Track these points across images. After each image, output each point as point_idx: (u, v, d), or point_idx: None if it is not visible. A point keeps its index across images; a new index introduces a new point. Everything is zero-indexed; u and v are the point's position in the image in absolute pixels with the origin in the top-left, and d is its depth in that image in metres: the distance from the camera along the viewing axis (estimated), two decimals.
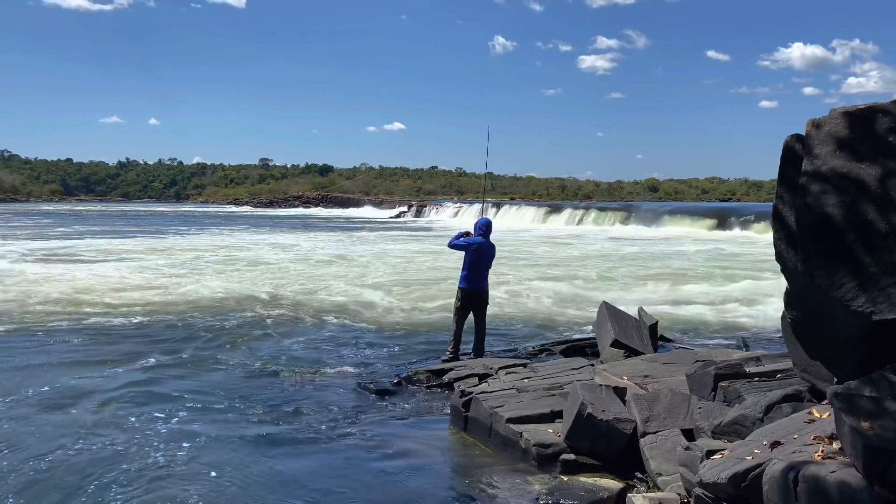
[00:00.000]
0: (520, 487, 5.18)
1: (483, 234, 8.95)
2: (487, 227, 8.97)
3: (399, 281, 17.76)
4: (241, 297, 14.60)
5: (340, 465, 5.63)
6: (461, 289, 8.92)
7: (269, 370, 8.58)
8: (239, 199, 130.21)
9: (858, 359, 3.60)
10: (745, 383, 5.59)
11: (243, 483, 5.19)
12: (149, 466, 5.43)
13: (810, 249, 3.47)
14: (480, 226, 8.94)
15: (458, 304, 8.93)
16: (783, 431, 4.02)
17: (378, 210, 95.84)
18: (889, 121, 3.47)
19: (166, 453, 5.73)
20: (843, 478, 2.97)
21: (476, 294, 8.94)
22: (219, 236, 37.57)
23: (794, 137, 3.76)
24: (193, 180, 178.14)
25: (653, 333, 8.97)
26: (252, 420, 6.68)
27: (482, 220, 9.02)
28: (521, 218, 61.07)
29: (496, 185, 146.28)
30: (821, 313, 3.69)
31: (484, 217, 9.18)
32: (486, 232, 8.96)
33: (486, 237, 8.97)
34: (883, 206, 3.35)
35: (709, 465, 4.02)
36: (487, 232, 8.97)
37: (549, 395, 6.71)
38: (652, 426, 5.41)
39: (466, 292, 8.90)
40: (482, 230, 8.94)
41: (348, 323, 11.95)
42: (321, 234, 40.95)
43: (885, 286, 3.30)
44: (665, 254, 27.79)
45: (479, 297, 8.98)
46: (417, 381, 8.03)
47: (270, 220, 63.01)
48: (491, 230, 9.01)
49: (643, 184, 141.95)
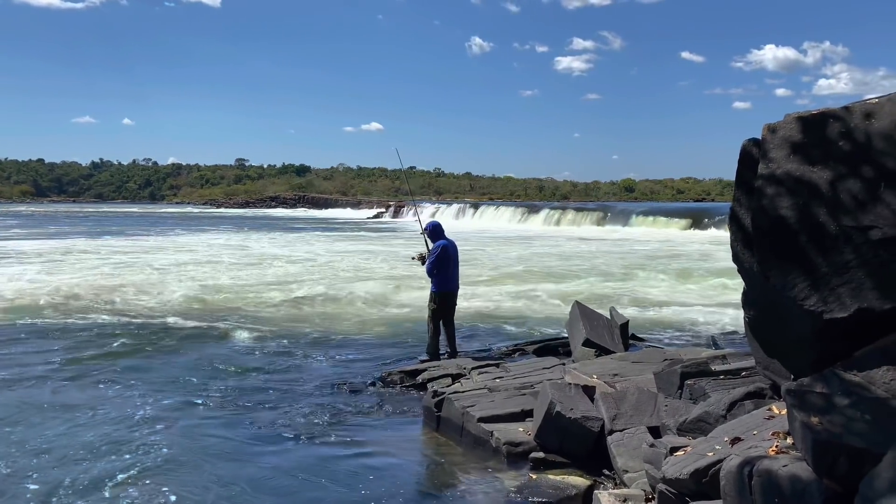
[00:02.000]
0: (490, 485, 5.25)
1: (432, 236, 9.21)
2: (440, 229, 9.28)
3: (366, 281, 17.74)
4: (197, 298, 14.55)
5: (313, 464, 5.66)
6: (436, 292, 9.09)
7: (240, 371, 8.57)
8: (215, 200, 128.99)
9: (813, 357, 3.70)
10: (710, 381, 5.71)
11: (214, 483, 5.20)
12: (119, 467, 5.42)
13: (765, 250, 3.57)
14: (435, 230, 9.22)
15: (434, 306, 9.09)
16: (744, 428, 4.13)
17: (356, 211, 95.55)
18: (840, 126, 3.59)
19: (136, 453, 5.73)
20: (794, 472, 3.07)
21: (451, 295, 9.19)
22: (160, 238, 36.91)
23: (751, 141, 3.87)
24: (168, 181, 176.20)
25: (624, 332, 9.09)
26: (223, 421, 6.68)
27: (432, 223, 9.35)
28: (498, 218, 61.28)
29: (475, 185, 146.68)
30: (776, 312, 3.80)
31: (431, 221, 9.49)
32: (441, 234, 9.22)
33: (442, 237, 9.21)
34: (834, 209, 3.46)
35: (672, 462, 4.11)
36: (442, 233, 9.24)
37: (520, 395, 6.79)
38: (619, 424, 5.51)
39: (442, 295, 9.09)
40: (439, 234, 9.20)
41: (321, 324, 11.94)
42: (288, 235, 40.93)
43: (836, 286, 3.41)
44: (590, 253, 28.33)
45: (453, 298, 9.24)
46: (391, 382, 8.07)
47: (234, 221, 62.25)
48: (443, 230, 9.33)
49: (619, 184, 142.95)
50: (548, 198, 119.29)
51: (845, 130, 3.58)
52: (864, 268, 3.41)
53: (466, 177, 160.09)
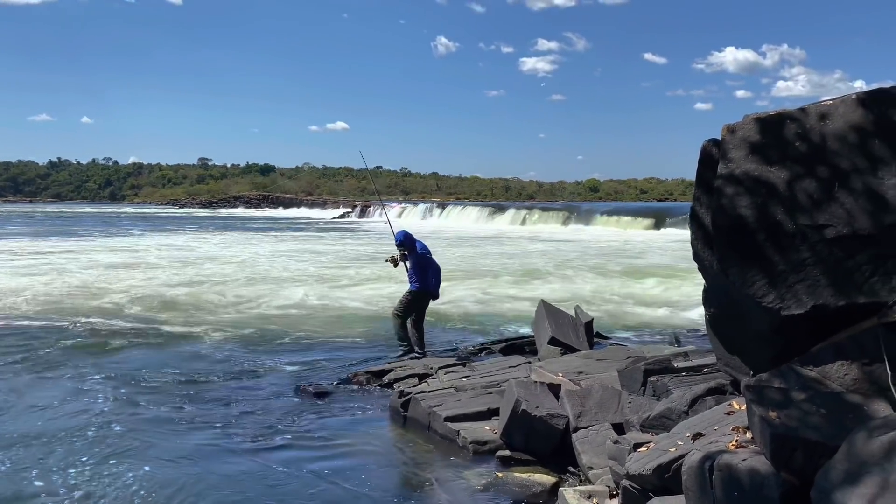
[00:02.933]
0: (456, 484, 5.26)
1: (413, 243, 9.45)
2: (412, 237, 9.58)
3: (333, 283, 17.66)
4: (149, 299, 14.32)
5: (278, 467, 5.60)
6: (414, 291, 9.37)
7: (203, 374, 8.45)
8: (177, 200, 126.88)
9: (771, 353, 3.79)
10: (672, 378, 5.80)
11: (178, 488, 5.11)
12: (78, 475, 5.30)
13: (725, 249, 3.65)
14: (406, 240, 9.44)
15: (409, 305, 9.35)
16: (705, 423, 4.21)
17: (321, 210, 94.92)
18: (796, 127, 3.67)
19: (97, 460, 5.60)
20: (753, 465, 3.14)
21: (428, 294, 9.52)
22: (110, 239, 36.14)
23: (711, 142, 3.95)
24: (129, 181, 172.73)
25: (588, 331, 9.19)
26: (186, 424, 6.58)
27: (402, 233, 9.56)
28: (464, 218, 61.44)
29: (442, 185, 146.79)
30: (736, 310, 3.88)
31: (401, 231, 9.71)
32: (413, 240, 9.53)
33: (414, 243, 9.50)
34: (791, 208, 3.55)
35: (635, 458, 4.17)
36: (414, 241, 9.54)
37: (486, 394, 6.82)
38: (584, 421, 5.57)
39: (420, 293, 9.40)
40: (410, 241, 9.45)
41: (283, 325, 11.81)
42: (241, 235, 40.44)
43: (793, 283, 3.49)
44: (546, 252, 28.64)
45: (427, 299, 9.57)
46: (357, 383, 8.03)
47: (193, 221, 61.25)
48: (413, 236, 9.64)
49: (584, 184, 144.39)
50: (514, 198, 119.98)
51: (801, 131, 3.67)
52: (820, 265, 3.50)
53: (433, 177, 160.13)
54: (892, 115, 3.57)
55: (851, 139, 3.60)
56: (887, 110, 3.58)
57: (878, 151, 3.54)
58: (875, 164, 3.53)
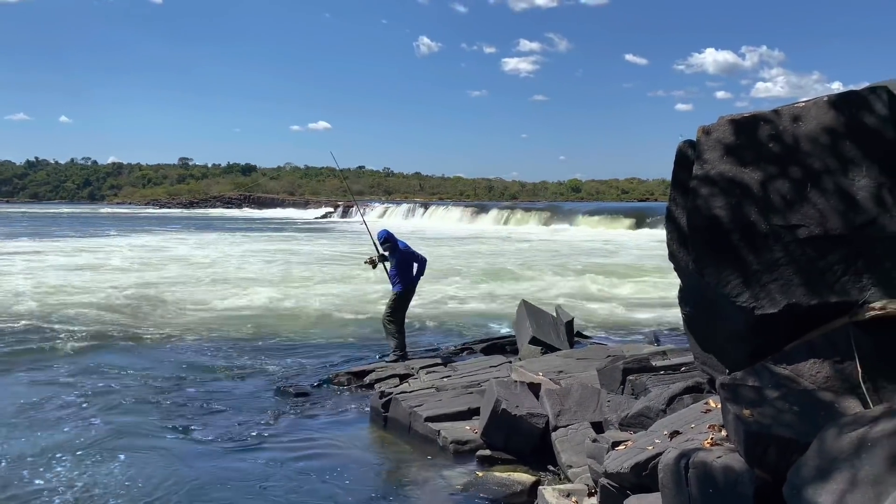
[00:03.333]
0: (437, 484, 5.27)
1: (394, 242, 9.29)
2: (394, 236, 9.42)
3: (312, 283, 17.59)
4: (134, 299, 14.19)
5: (260, 467, 5.59)
6: (400, 292, 9.14)
7: (184, 376, 8.39)
8: (158, 200, 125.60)
9: (746, 351, 3.83)
10: (651, 376, 5.86)
11: (159, 489, 5.08)
12: (59, 476, 5.25)
13: (700, 249, 3.69)
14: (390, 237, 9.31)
15: (400, 303, 9.12)
16: (682, 421, 4.25)
17: (303, 211, 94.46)
18: (770, 129, 3.72)
19: (78, 462, 5.56)
20: (727, 463, 3.18)
21: (411, 289, 9.31)
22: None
23: (687, 143, 3.98)
24: (109, 181, 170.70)
25: (569, 330, 9.23)
26: (167, 426, 6.54)
27: (385, 232, 9.41)
28: (447, 218, 61.46)
29: (424, 185, 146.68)
30: (711, 309, 3.92)
31: (383, 230, 9.57)
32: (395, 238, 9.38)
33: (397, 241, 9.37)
34: (764, 209, 3.59)
35: (613, 456, 4.20)
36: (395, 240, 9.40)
37: (467, 393, 6.84)
38: (563, 420, 5.60)
39: (404, 291, 9.18)
40: (393, 239, 9.31)
41: (263, 327, 11.75)
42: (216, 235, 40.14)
43: (766, 283, 3.54)
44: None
45: (412, 292, 9.35)
46: (338, 383, 8.02)
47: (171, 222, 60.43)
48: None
49: (567, 184, 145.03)
50: (497, 198, 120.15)
51: (775, 133, 3.71)
52: (793, 265, 3.55)
53: (416, 176, 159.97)
54: (863, 118, 3.62)
55: (823, 141, 3.65)
56: (857, 112, 3.64)
57: (848, 153, 3.60)
58: (846, 166, 3.59)
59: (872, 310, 3.39)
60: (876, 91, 3.66)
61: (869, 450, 2.70)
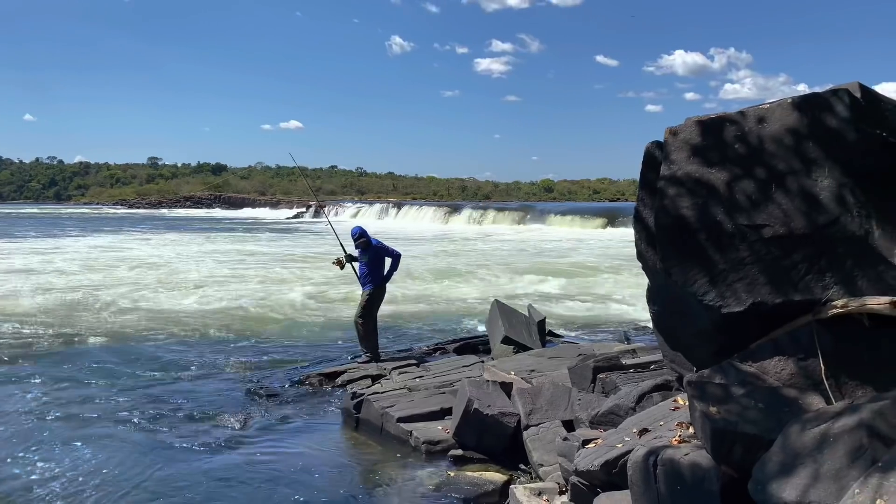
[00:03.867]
0: (409, 484, 5.26)
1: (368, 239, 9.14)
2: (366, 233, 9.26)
3: (281, 285, 17.46)
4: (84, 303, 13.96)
5: (230, 470, 5.53)
6: (371, 291, 8.98)
7: (152, 377, 8.27)
8: (126, 200, 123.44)
9: (713, 349, 3.89)
10: (621, 374, 5.91)
11: (127, 491, 5.01)
12: (27, 480, 5.14)
13: (667, 248, 3.73)
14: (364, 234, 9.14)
15: (371, 303, 8.96)
16: (651, 419, 4.30)
17: (274, 211, 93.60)
18: (735, 129, 3.78)
19: (47, 462, 5.46)
20: (694, 459, 3.22)
21: (382, 288, 9.14)
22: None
23: (654, 144, 4.03)
24: (76, 180, 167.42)
25: (541, 329, 9.29)
26: (136, 427, 6.45)
27: (358, 228, 9.26)
28: (421, 218, 61.36)
29: (398, 185, 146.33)
30: (678, 308, 3.97)
31: (357, 227, 9.42)
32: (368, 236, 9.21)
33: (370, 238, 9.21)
34: (730, 208, 3.65)
35: (583, 454, 4.23)
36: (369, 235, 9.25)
37: (439, 393, 6.84)
38: (534, 419, 5.63)
39: (376, 290, 9.02)
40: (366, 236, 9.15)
41: (234, 329, 11.63)
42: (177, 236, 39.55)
43: (732, 281, 3.59)
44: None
45: (383, 290, 9.19)
46: (309, 385, 7.96)
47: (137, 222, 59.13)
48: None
49: (539, 184, 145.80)
50: (470, 198, 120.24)
51: (740, 134, 3.77)
52: (758, 264, 3.60)
53: (389, 176, 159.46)
54: (825, 119, 3.69)
55: (787, 142, 3.72)
56: (820, 114, 3.71)
57: (811, 154, 3.67)
58: (809, 166, 3.66)
59: (834, 308, 3.46)
60: (838, 93, 3.73)
61: (831, 445, 2.75)
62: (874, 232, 3.55)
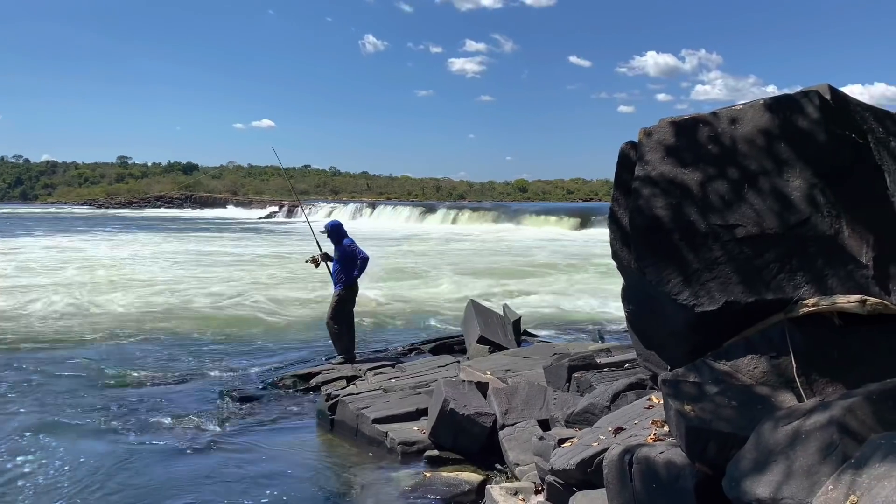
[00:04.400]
0: (384, 486, 5.24)
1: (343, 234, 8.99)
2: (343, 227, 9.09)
3: (252, 286, 17.28)
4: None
5: (203, 474, 5.45)
6: (345, 289, 8.79)
7: (124, 380, 8.13)
8: (95, 200, 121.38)
9: (687, 348, 3.93)
10: (595, 373, 5.94)
11: (100, 496, 4.92)
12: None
13: (642, 248, 3.76)
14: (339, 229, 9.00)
15: (343, 303, 8.78)
16: (626, 417, 4.32)
17: (246, 210, 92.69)
18: (708, 131, 3.82)
19: (17, 469, 5.33)
20: (669, 457, 3.24)
21: (353, 288, 8.93)
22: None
23: (629, 144, 4.06)
24: (43, 179, 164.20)
25: (516, 329, 9.31)
26: (107, 431, 6.34)
27: (333, 223, 9.12)
28: (395, 218, 61.22)
29: (372, 184, 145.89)
30: (653, 307, 4.01)
31: (333, 221, 9.29)
32: (343, 231, 9.03)
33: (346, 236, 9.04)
34: (704, 209, 3.69)
35: (559, 453, 4.24)
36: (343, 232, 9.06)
37: (415, 394, 6.82)
38: (510, 418, 5.63)
39: (346, 290, 8.83)
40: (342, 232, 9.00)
41: (205, 330, 11.48)
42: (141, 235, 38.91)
43: (706, 281, 3.63)
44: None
45: (355, 290, 8.98)
46: (283, 387, 7.89)
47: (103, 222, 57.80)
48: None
49: (513, 184, 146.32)
50: (445, 198, 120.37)
51: (713, 135, 3.82)
52: (731, 263, 3.65)
53: (363, 176, 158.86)
54: (796, 120, 3.75)
55: (759, 142, 3.77)
56: (791, 115, 3.77)
57: (783, 154, 3.72)
58: (781, 167, 3.71)
59: (806, 306, 3.51)
60: (808, 95, 3.79)
61: (803, 442, 2.78)
62: (844, 231, 3.61)
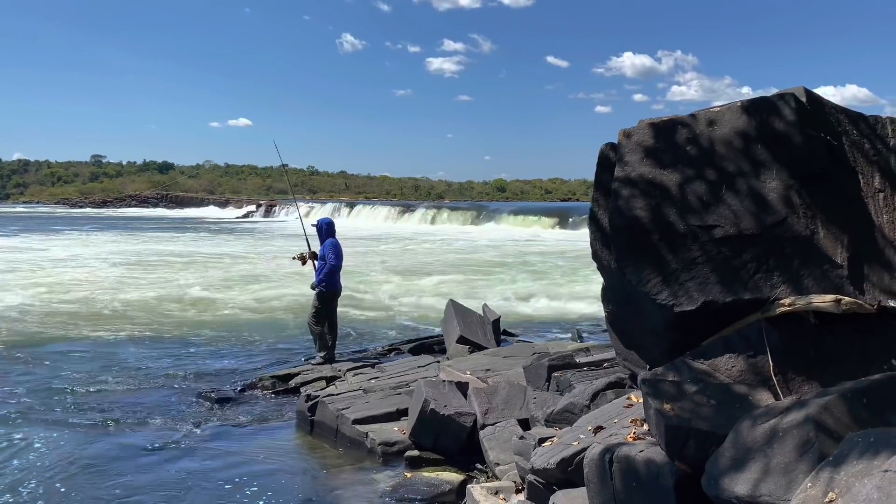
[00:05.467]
0: (365, 486, 5.23)
1: (331, 234, 8.90)
2: (332, 227, 8.97)
3: (231, 288, 17.17)
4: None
5: (181, 477, 5.40)
6: (324, 292, 8.71)
7: (99, 382, 8.02)
8: (69, 199, 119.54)
9: (666, 347, 3.96)
10: (575, 373, 5.98)
11: (76, 499, 4.84)
12: None
13: (621, 249, 3.78)
14: (329, 227, 8.89)
15: (320, 307, 8.70)
16: (605, 417, 4.35)
17: (222, 210, 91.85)
18: (687, 132, 3.86)
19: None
20: (649, 456, 3.27)
21: (338, 294, 8.90)
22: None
23: (609, 146, 4.09)
24: (14, 178, 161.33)
25: (496, 328, 9.33)
26: (84, 434, 6.25)
27: (325, 220, 9.02)
28: (374, 218, 61.08)
29: (350, 184, 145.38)
30: (632, 307, 4.03)
31: (325, 218, 9.19)
32: (333, 231, 8.93)
33: (333, 235, 8.92)
34: (682, 209, 3.72)
35: (540, 453, 4.26)
36: (333, 231, 8.94)
37: (395, 394, 6.81)
38: (491, 418, 5.65)
39: (330, 294, 8.75)
40: (331, 231, 8.88)
41: (184, 331, 11.38)
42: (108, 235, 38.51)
43: (684, 281, 3.66)
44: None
45: (337, 298, 8.94)
46: (262, 388, 7.83)
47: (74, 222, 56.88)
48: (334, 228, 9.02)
49: (492, 184, 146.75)
50: (423, 197, 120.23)
51: (692, 136, 3.85)
52: (709, 263, 3.68)
53: (341, 175, 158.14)
54: (772, 122, 3.80)
55: (737, 144, 3.81)
56: (768, 117, 3.81)
57: (760, 156, 3.77)
58: (758, 168, 3.75)
59: (782, 306, 3.56)
60: (785, 97, 3.84)
61: (780, 439, 2.82)
62: (819, 232, 3.66)
